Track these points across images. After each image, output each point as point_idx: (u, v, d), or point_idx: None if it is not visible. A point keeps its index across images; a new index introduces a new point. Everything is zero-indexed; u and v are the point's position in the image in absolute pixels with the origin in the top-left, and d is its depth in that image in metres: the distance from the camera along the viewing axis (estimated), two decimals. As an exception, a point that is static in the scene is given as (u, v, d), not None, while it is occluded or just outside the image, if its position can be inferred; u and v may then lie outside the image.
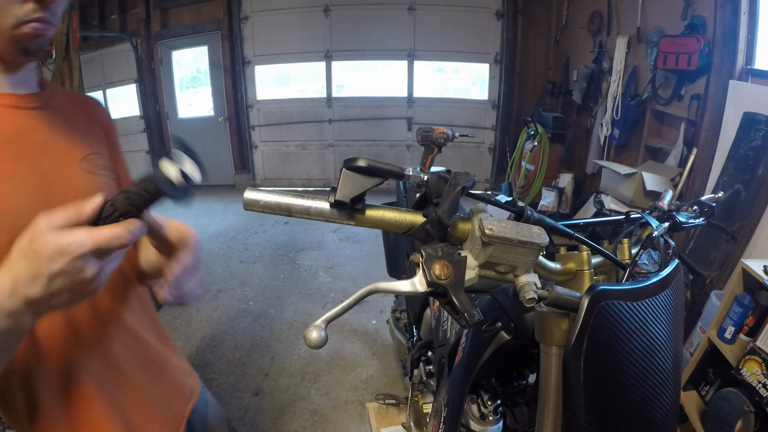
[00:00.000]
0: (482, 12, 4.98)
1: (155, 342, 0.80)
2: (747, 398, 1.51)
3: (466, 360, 0.87)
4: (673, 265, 0.67)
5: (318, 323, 0.50)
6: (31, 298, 0.46)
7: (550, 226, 0.63)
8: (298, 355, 2.52)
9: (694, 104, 2.70)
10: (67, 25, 2.72)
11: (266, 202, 0.54)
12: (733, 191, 2.19)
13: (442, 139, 1.76)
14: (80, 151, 0.69)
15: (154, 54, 5.30)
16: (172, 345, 0.87)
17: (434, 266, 0.53)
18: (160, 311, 2.95)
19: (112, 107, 5.62)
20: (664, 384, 0.60)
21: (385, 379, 2.32)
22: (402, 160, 5.52)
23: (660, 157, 3.14)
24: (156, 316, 0.85)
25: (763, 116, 2.12)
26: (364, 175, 0.52)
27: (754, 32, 2.35)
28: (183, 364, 0.89)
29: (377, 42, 5.15)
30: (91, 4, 5.23)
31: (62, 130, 0.68)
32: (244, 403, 2.17)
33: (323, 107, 5.42)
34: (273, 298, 3.13)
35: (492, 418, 0.89)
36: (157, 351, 0.80)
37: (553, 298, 0.55)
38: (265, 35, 5.21)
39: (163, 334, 0.84)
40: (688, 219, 0.86)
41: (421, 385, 1.48)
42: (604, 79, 3.74)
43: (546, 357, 0.62)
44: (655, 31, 3.07)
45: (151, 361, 0.77)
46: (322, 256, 3.76)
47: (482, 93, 5.35)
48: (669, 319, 0.62)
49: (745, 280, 1.65)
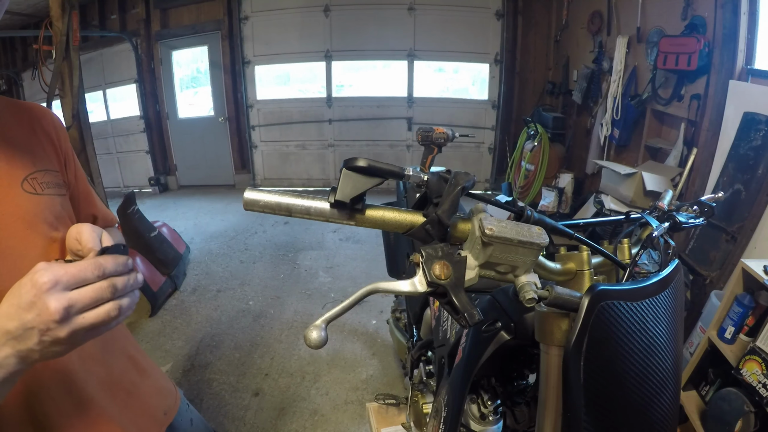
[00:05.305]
0: (482, 12, 4.98)
1: (123, 366, 0.77)
2: (747, 398, 1.51)
3: (466, 360, 0.86)
4: (673, 265, 0.67)
5: (318, 323, 0.50)
6: None
7: (550, 226, 0.63)
8: (298, 355, 2.52)
9: (694, 104, 2.70)
10: (67, 25, 2.72)
11: (266, 202, 0.54)
12: (733, 191, 2.19)
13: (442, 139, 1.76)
14: (21, 170, 0.65)
15: (154, 54, 5.31)
16: (144, 365, 0.84)
17: (434, 266, 0.53)
18: (160, 311, 2.95)
19: (112, 107, 5.63)
20: (664, 384, 0.60)
21: (385, 379, 2.32)
22: (402, 160, 5.52)
23: (660, 157, 3.14)
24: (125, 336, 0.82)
25: (763, 116, 2.11)
26: (364, 175, 0.52)
27: (754, 32, 2.35)
28: (158, 383, 0.86)
29: (377, 42, 5.15)
30: (91, 4, 5.23)
31: (0, 150, 0.63)
32: (244, 403, 2.17)
33: (323, 107, 5.42)
34: (273, 298, 3.13)
35: (492, 418, 0.89)
36: (125, 376, 0.77)
37: (553, 298, 0.55)
38: (265, 35, 5.21)
39: (133, 356, 0.82)
40: (688, 219, 0.86)
41: (421, 385, 1.48)
42: (604, 79, 3.73)
43: (546, 357, 0.62)
44: (655, 31, 3.07)
45: (118, 388, 0.75)
46: (322, 256, 3.76)
47: (482, 93, 5.35)
48: (669, 319, 0.62)
49: (745, 280, 1.65)
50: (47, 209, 0.66)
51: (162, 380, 0.89)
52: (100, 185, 3.23)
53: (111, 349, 0.76)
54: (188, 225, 4.40)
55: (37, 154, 0.69)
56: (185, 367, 2.44)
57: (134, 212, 3.09)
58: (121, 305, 0.48)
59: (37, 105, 0.77)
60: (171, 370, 2.41)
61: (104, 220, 0.86)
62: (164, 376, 0.91)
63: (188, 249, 3.75)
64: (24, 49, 5.67)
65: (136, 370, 0.81)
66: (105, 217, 0.87)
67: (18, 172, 0.64)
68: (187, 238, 3.90)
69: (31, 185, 0.65)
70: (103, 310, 0.46)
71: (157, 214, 4.48)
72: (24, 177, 0.65)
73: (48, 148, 0.73)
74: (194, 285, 3.33)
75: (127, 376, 0.78)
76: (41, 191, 0.66)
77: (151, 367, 0.87)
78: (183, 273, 3.43)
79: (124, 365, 0.78)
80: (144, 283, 2.86)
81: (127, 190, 4.69)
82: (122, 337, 0.81)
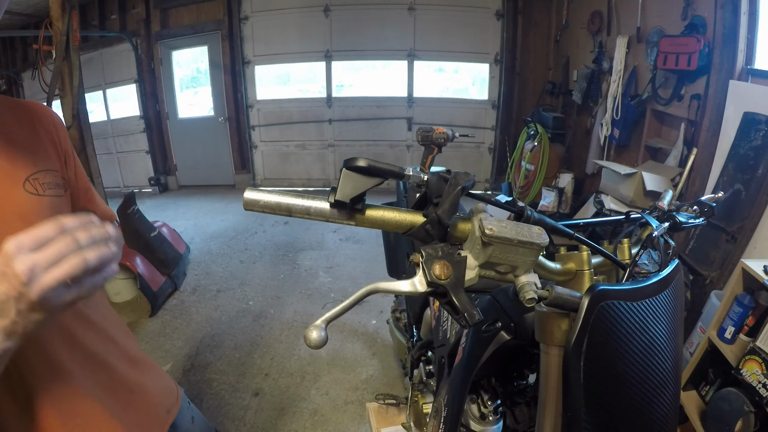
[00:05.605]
0: (482, 12, 4.98)
1: (124, 367, 0.77)
2: (747, 398, 1.51)
3: (466, 360, 0.86)
4: (673, 265, 0.67)
5: (318, 323, 0.50)
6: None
7: (550, 226, 0.63)
8: (298, 355, 2.52)
9: (694, 104, 2.70)
10: (67, 25, 2.72)
11: (266, 202, 0.54)
12: (733, 191, 2.19)
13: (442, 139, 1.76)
14: (23, 171, 0.65)
15: (154, 54, 5.31)
16: (145, 365, 0.84)
17: (434, 266, 0.53)
18: (160, 311, 2.95)
19: (112, 107, 5.62)
20: (664, 384, 0.60)
21: (385, 379, 2.32)
22: (402, 160, 5.52)
23: (660, 157, 3.14)
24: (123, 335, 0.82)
25: (763, 116, 2.11)
26: (364, 175, 0.52)
27: (754, 32, 2.35)
28: (159, 382, 0.86)
29: (377, 42, 5.15)
30: (91, 4, 5.23)
31: (2, 150, 0.64)
32: (244, 403, 2.17)
33: (323, 107, 5.42)
34: (273, 298, 3.13)
35: (492, 418, 0.89)
36: (126, 377, 0.77)
37: (553, 298, 0.55)
38: (265, 35, 5.21)
39: (134, 356, 0.82)
40: (688, 219, 0.86)
41: (421, 385, 1.48)
42: (604, 79, 3.73)
43: (546, 357, 0.62)
44: (655, 31, 3.07)
45: (120, 388, 0.75)
46: (322, 256, 3.76)
47: (482, 93, 5.35)
48: (669, 319, 0.62)
49: (745, 280, 1.65)
50: (48, 210, 0.66)
51: (164, 379, 0.89)
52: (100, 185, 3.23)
53: (113, 350, 0.77)
54: (188, 225, 4.40)
55: (38, 155, 0.70)
56: (185, 367, 2.44)
57: (134, 212, 3.09)
58: (86, 258, 0.46)
59: (37, 104, 0.77)
60: (171, 370, 2.41)
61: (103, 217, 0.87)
62: (166, 375, 0.92)
63: (188, 249, 3.75)
64: (24, 49, 5.67)
65: (137, 369, 0.81)
66: (104, 215, 0.88)
67: (20, 172, 0.65)
68: (187, 238, 3.90)
69: (33, 186, 0.66)
70: (67, 264, 0.45)
71: (157, 214, 4.48)
72: (26, 177, 0.65)
73: (49, 147, 0.73)
74: (194, 285, 3.33)
75: (129, 375, 0.78)
76: (43, 192, 0.67)
77: (153, 367, 0.87)
78: (183, 273, 3.43)
79: (126, 365, 0.78)
80: (144, 283, 2.88)
81: (127, 190, 4.69)
82: (124, 338, 0.82)
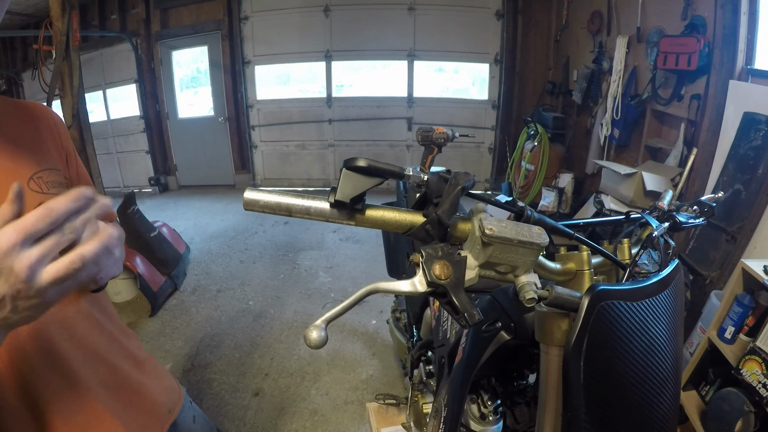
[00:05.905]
0: (482, 12, 4.98)
1: (128, 366, 0.78)
2: (747, 398, 1.51)
3: (466, 360, 0.86)
4: (673, 265, 0.67)
5: (318, 323, 0.50)
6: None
7: (550, 226, 0.63)
8: (298, 355, 2.52)
9: (694, 104, 2.69)
10: (67, 25, 2.72)
11: (266, 202, 0.54)
12: (733, 191, 2.19)
13: (442, 139, 1.76)
14: (27, 170, 0.65)
15: (154, 54, 5.30)
16: (148, 365, 0.84)
17: (434, 266, 0.53)
18: (160, 311, 2.95)
19: (112, 107, 5.62)
20: (664, 384, 0.60)
21: (385, 379, 2.32)
22: (402, 160, 5.52)
23: (660, 157, 3.14)
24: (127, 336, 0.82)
25: (763, 116, 2.11)
26: (364, 175, 0.52)
27: (754, 32, 2.35)
28: (161, 381, 0.87)
29: (377, 42, 5.15)
30: (91, 4, 5.23)
31: (6, 150, 0.64)
32: (244, 403, 2.17)
33: (323, 107, 5.42)
34: (273, 298, 3.13)
35: (492, 418, 0.89)
36: (130, 376, 0.77)
37: (553, 298, 0.55)
38: (265, 35, 5.21)
39: (137, 356, 0.82)
40: (688, 219, 0.86)
41: (421, 385, 1.48)
42: (604, 79, 3.73)
43: (546, 357, 0.62)
44: (655, 31, 3.07)
45: (122, 387, 0.75)
46: (322, 256, 3.76)
47: (482, 93, 5.35)
48: (669, 319, 0.62)
49: (745, 280, 1.65)
50: None
51: (166, 378, 0.89)
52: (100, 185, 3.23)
53: (115, 350, 0.77)
54: (188, 225, 4.40)
55: (41, 154, 0.70)
56: (185, 367, 2.44)
57: (134, 212, 3.09)
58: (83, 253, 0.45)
59: (38, 104, 0.78)
60: (171, 370, 2.41)
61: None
62: (168, 375, 0.92)
63: (188, 249, 3.75)
64: (24, 49, 5.67)
65: (141, 369, 0.82)
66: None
67: (24, 171, 0.65)
68: (187, 238, 3.90)
69: (37, 184, 0.66)
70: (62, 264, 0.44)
71: (157, 214, 4.48)
72: (30, 176, 0.66)
73: (51, 146, 0.74)
74: (194, 285, 3.33)
75: (133, 375, 0.78)
76: (47, 191, 0.67)
77: (155, 366, 0.88)
78: (183, 273, 3.43)
79: (128, 365, 0.78)
80: (144, 283, 2.88)
81: (127, 190, 4.69)
82: (126, 338, 0.82)
